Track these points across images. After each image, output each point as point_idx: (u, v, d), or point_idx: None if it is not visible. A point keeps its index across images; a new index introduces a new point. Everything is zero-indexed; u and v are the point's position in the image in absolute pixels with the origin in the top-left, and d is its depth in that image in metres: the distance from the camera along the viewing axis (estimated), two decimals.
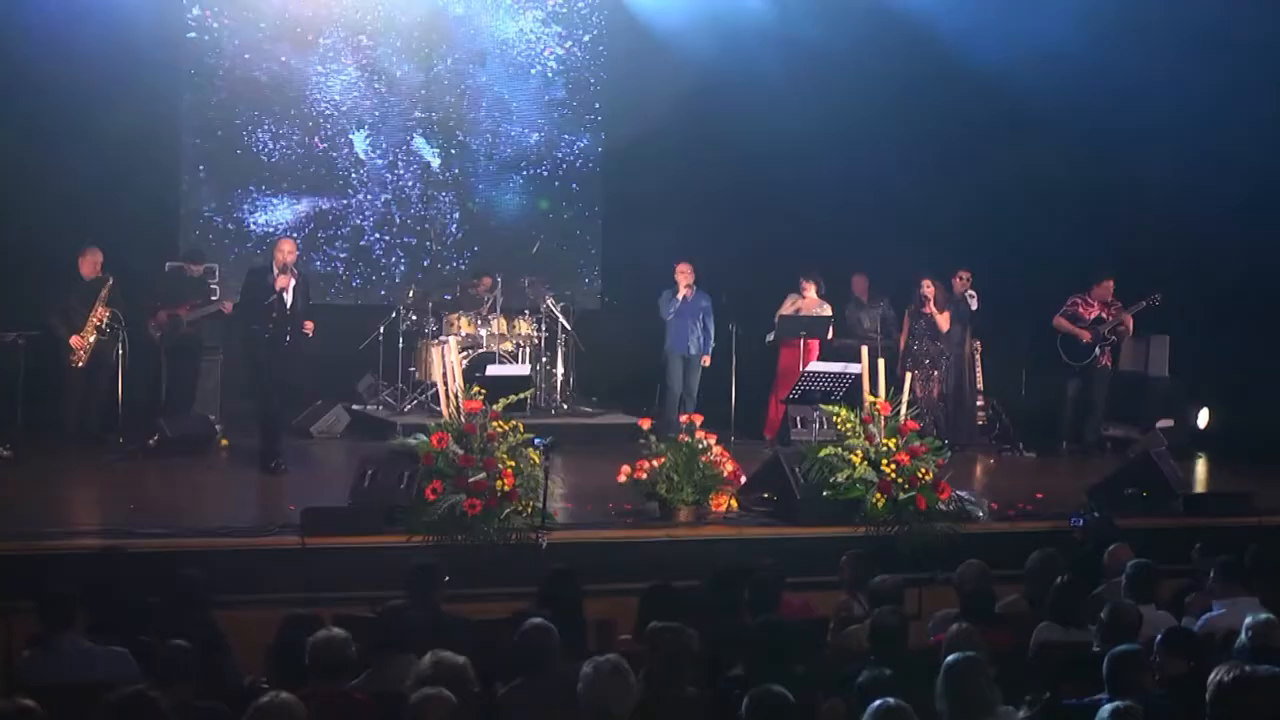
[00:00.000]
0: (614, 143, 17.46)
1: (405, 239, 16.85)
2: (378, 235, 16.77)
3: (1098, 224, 15.51)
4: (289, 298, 12.09)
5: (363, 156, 16.65)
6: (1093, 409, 15.06)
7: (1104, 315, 14.67)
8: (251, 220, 16.02)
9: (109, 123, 14.21)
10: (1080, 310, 14.75)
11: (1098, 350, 14.71)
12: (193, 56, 15.42)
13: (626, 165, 17.23)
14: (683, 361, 14.80)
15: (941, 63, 15.23)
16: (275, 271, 12.12)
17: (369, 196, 16.69)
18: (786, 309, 15.09)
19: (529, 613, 7.06)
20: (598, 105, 17.61)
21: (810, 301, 15.05)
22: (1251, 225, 14.55)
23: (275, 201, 16.28)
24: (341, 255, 16.62)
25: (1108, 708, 5.32)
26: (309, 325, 12.19)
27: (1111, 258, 15.15)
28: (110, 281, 13.37)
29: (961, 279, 14.95)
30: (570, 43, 17.43)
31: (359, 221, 16.67)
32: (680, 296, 14.64)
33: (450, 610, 7.75)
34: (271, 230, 15.96)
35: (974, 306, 14.98)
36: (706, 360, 14.91)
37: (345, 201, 16.60)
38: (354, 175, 16.64)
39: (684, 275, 14.75)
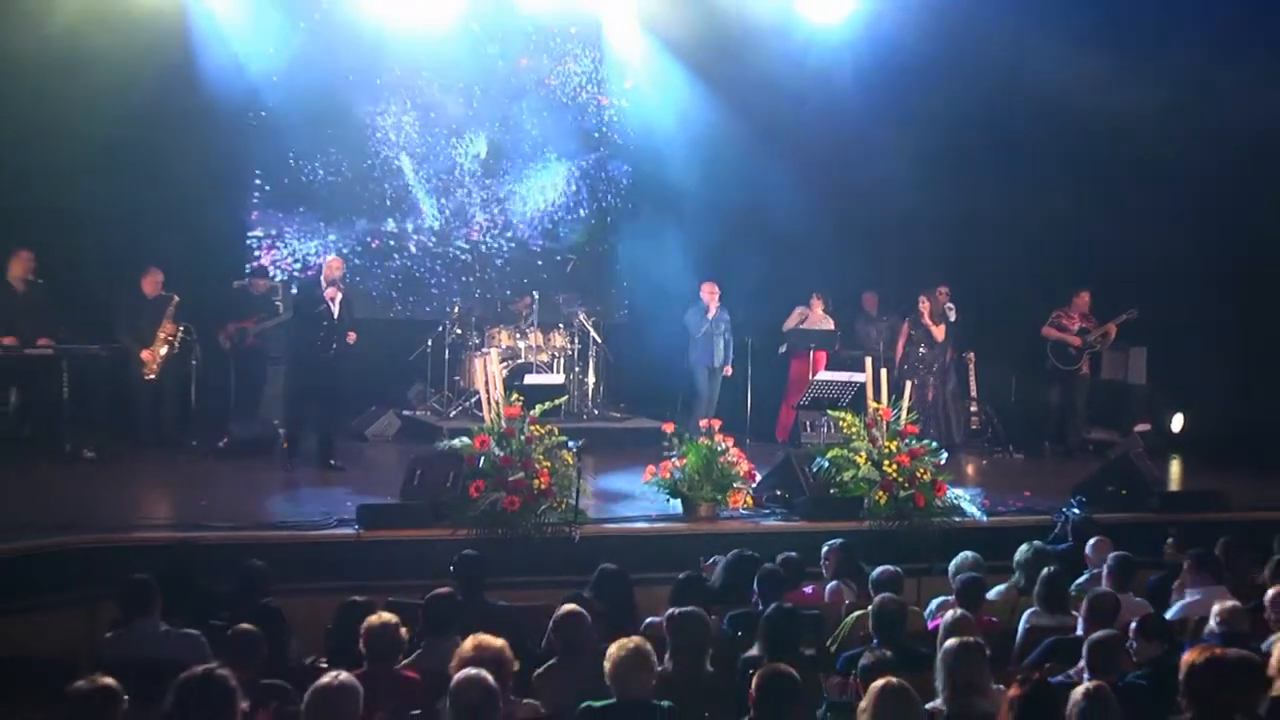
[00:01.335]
0: (640, 172, 17.45)
1: (451, 260, 16.83)
2: (425, 257, 16.77)
3: (1079, 247, 15.44)
4: (335, 309, 12.13)
5: (412, 184, 16.67)
6: (1075, 414, 15.08)
7: (1086, 326, 14.70)
8: (309, 243, 16.02)
9: (182, 155, 14.29)
10: (1064, 321, 14.81)
11: (1081, 356, 14.73)
12: (259, 95, 15.44)
13: (651, 192, 17.21)
14: (708, 373, 14.84)
15: (933, 96, 15.20)
16: (324, 285, 12.18)
17: (418, 221, 16.70)
18: (792, 321, 15.11)
19: (577, 599, 7.09)
20: (625, 137, 17.58)
21: (816, 315, 15.08)
22: (1220, 246, 14.51)
23: (332, 226, 16.26)
24: (394, 275, 16.62)
25: (1080, 689, 5.30)
26: (352, 335, 12.25)
27: (1090, 275, 15.12)
28: (175, 299, 13.39)
29: (941, 294, 14.93)
30: (599, 82, 17.42)
31: (409, 244, 16.67)
32: (710, 316, 14.70)
33: (491, 597, 7.76)
34: (328, 251, 15.98)
35: (951, 318, 15.00)
36: (728, 370, 14.95)
37: (397, 226, 16.61)
38: (404, 202, 16.65)
39: (712, 294, 14.82)
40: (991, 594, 8.31)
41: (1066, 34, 14.40)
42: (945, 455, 11.42)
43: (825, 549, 8.76)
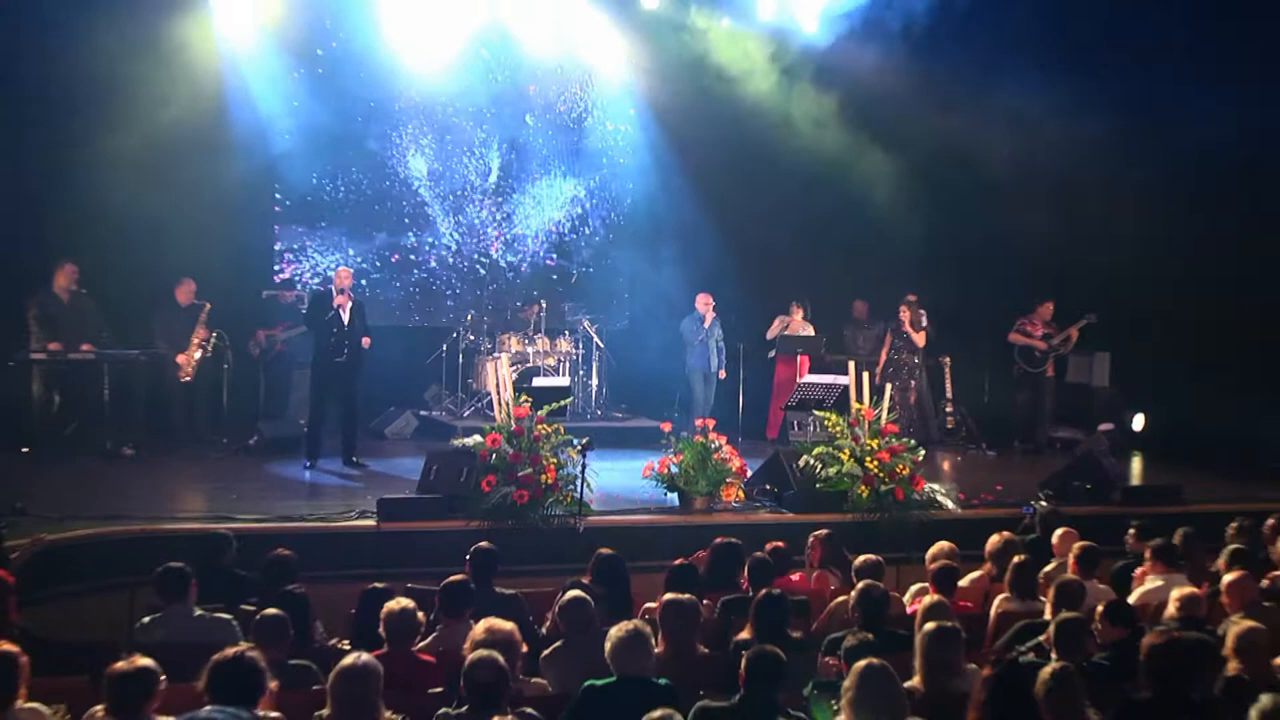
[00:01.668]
0: (640, 191, 17.47)
1: (465, 273, 16.84)
2: (441, 269, 16.78)
3: (1044, 260, 15.46)
4: (345, 316, 12.11)
5: (429, 201, 16.67)
6: (1041, 414, 15.10)
7: (1049, 332, 14.73)
8: (330, 256, 16.02)
9: (213, 174, 14.37)
10: (1028, 328, 14.84)
11: (1046, 360, 14.75)
12: (284, 119, 15.46)
13: (650, 208, 17.26)
14: (703, 376, 14.86)
15: (909, 124, 15.24)
16: (334, 294, 12.19)
17: (434, 236, 16.70)
18: (774, 330, 15.12)
19: (578, 585, 7.09)
20: (626, 159, 17.59)
21: (796, 323, 15.09)
22: (1176, 262, 14.53)
23: (353, 240, 16.29)
24: (412, 285, 16.62)
25: (1047, 669, 5.31)
26: (366, 340, 12.22)
27: (1053, 286, 15.14)
28: (207, 306, 13.43)
29: (910, 302, 14.94)
30: (603, 106, 17.44)
31: (426, 256, 16.67)
32: (705, 324, 14.72)
33: (501, 584, 7.76)
34: (348, 263, 16.01)
35: (923, 324, 15.01)
36: (723, 374, 14.97)
37: (415, 239, 16.61)
38: (421, 218, 16.65)
39: (707, 304, 14.85)
40: (965, 581, 8.31)
41: (1032, 63, 14.48)
42: (923, 452, 11.42)
43: (811, 539, 8.75)
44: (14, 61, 11.86)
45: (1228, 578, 7.49)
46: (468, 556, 7.74)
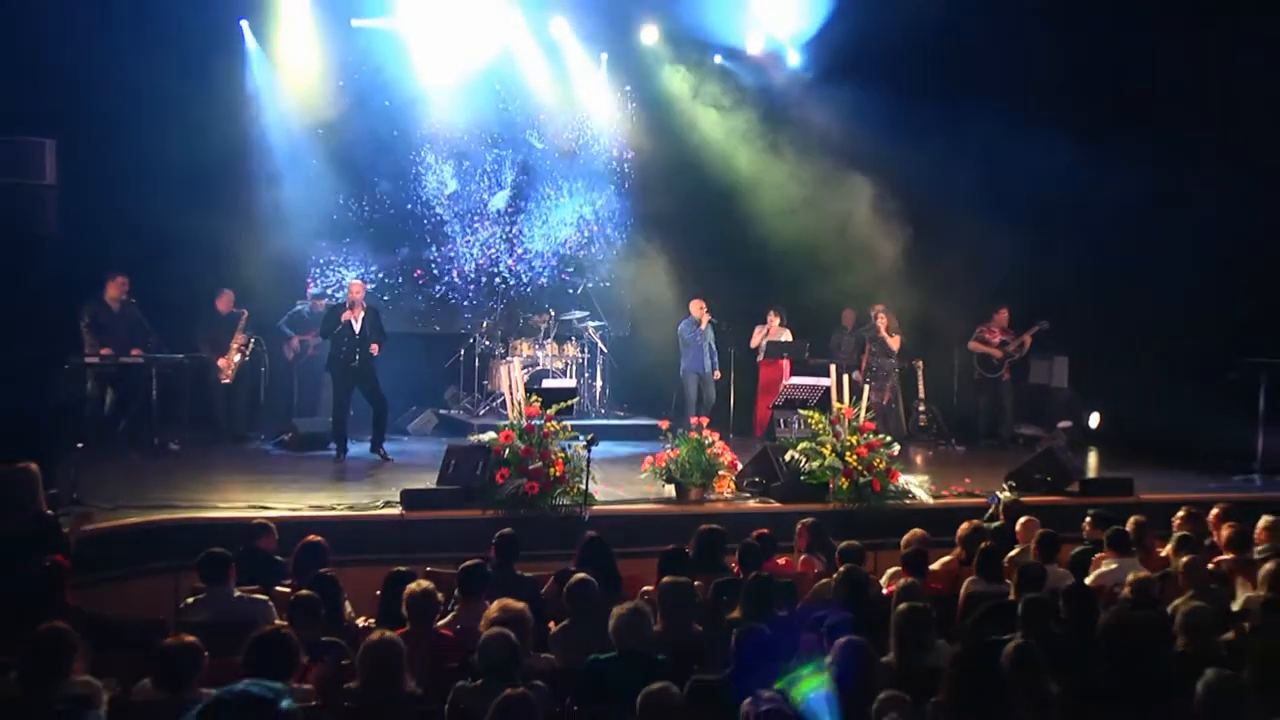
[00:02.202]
0: (640, 208, 17.50)
1: (480, 284, 16.84)
2: (459, 281, 16.78)
3: (1010, 276, 15.46)
4: (357, 326, 12.12)
5: (447, 219, 16.68)
6: (1003, 413, 15.10)
7: (1005, 339, 14.74)
8: (355, 271, 16.02)
9: (250, 193, 14.49)
10: (986, 335, 14.86)
11: (1003, 364, 14.76)
12: (316, 144, 15.49)
13: (649, 224, 17.27)
14: (698, 378, 14.83)
15: (887, 151, 15.26)
16: (346, 306, 12.18)
17: (452, 251, 16.71)
18: (756, 338, 15.10)
19: (573, 571, 7.09)
20: (629, 180, 17.61)
21: (775, 329, 15.07)
22: (1130, 275, 14.55)
23: (377, 256, 16.32)
24: (433, 296, 16.64)
25: (1011, 645, 5.31)
26: (374, 347, 12.19)
27: (1019, 299, 15.14)
28: (245, 314, 13.47)
29: (877, 310, 14.94)
30: (611, 128, 17.46)
31: (446, 270, 16.69)
32: (701, 328, 14.70)
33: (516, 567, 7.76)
34: (372, 277, 16.07)
35: (896, 331, 15.04)
36: (718, 375, 14.94)
37: (436, 254, 16.62)
38: (440, 235, 16.66)
39: (702, 310, 14.82)
40: (936, 565, 8.31)
41: (994, 96, 14.56)
42: (897, 447, 11.42)
43: (799, 526, 8.75)
44: (73, 89, 11.85)
45: (1181, 561, 7.50)
46: (493, 541, 7.75)
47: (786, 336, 15.06)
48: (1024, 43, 14.67)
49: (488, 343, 15.28)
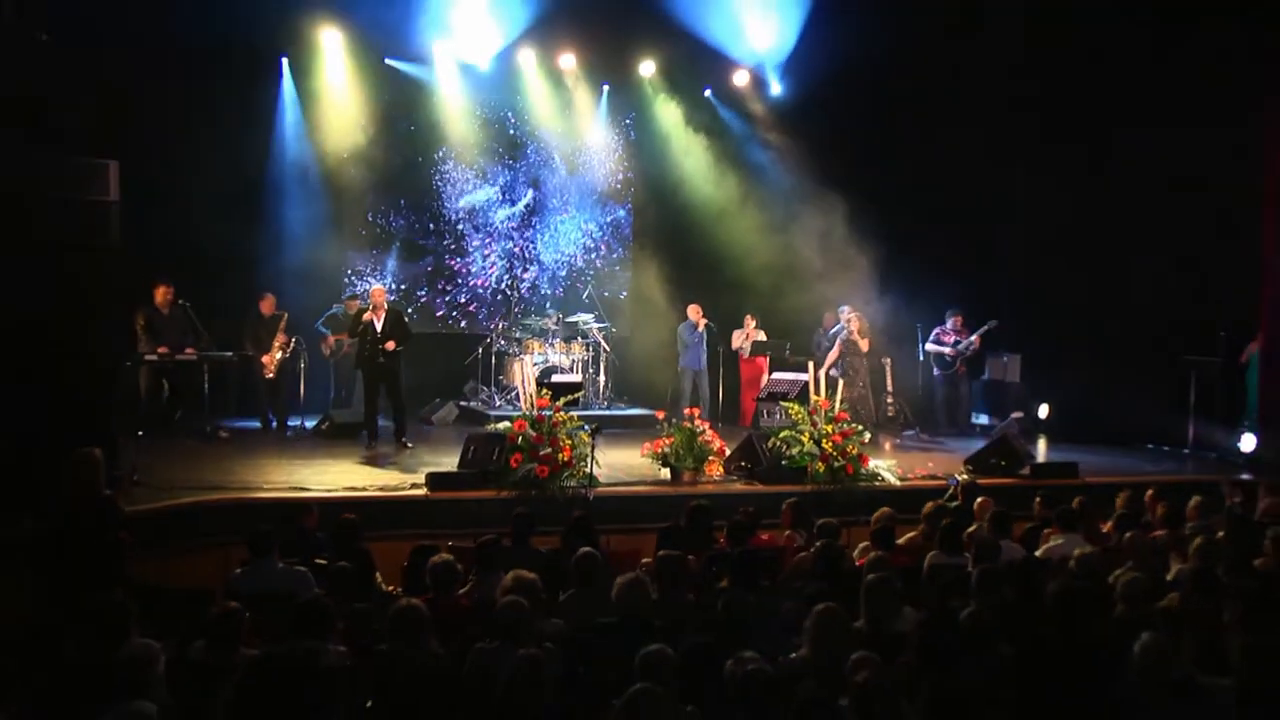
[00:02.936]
0: (638, 223, 17.50)
1: (498, 288, 16.82)
2: (479, 286, 16.76)
3: (970, 282, 15.48)
4: (379, 326, 12.08)
5: (467, 232, 16.66)
6: (960, 404, 15.10)
7: (959, 339, 14.73)
8: (386, 278, 16.00)
9: (288, 208, 14.53)
10: (943, 337, 14.85)
11: (957, 361, 14.77)
12: (349, 164, 15.49)
13: (646, 237, 17.27)
14: (694, 374, 14.87)
15: (860, 170, 15.27)
16: (371, 308, 12.17)
17: (470, 260, 16.69)
18: (736, 340, 15.15)
19: (570, 545, 7.09)
20: (630, 195, 17.59)
21: (751, 331, 15.12)
22: (1075, 281, 14.55)
23: (407, 264, 16.31)
24: (458, 300, 16.61)
25: (967, 611, 5.32)
26: (389, 344, 12.08)
27: (979, 302, 15.14)
28: (285, 315, 13.48)
29: (844, 312, 14.93)
30: (612, 152, 17.44)
31: (467, 277, 16.66)
32: (697, 330, 14.74)
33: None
34: (398, 285, 16.05)
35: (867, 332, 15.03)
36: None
37: (457, 263, 16.60)
38: (461, 246, 16.65)
39: (698, 314, 14.90)
40: (902, 540, 8.30)
41: (952, 123, 14.57)
42: (868, 436, 11.42)
43: (785, 506, 8.74)
44: (134, 117, 11.84)
45: (1128, 534, 7.52)
46: (513, 518, 7.77)
47: (762, 337, 15.11)
48: (976, 72, 14.69)
49: (503, 342, 15.26)
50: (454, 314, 16.62)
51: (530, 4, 14.79)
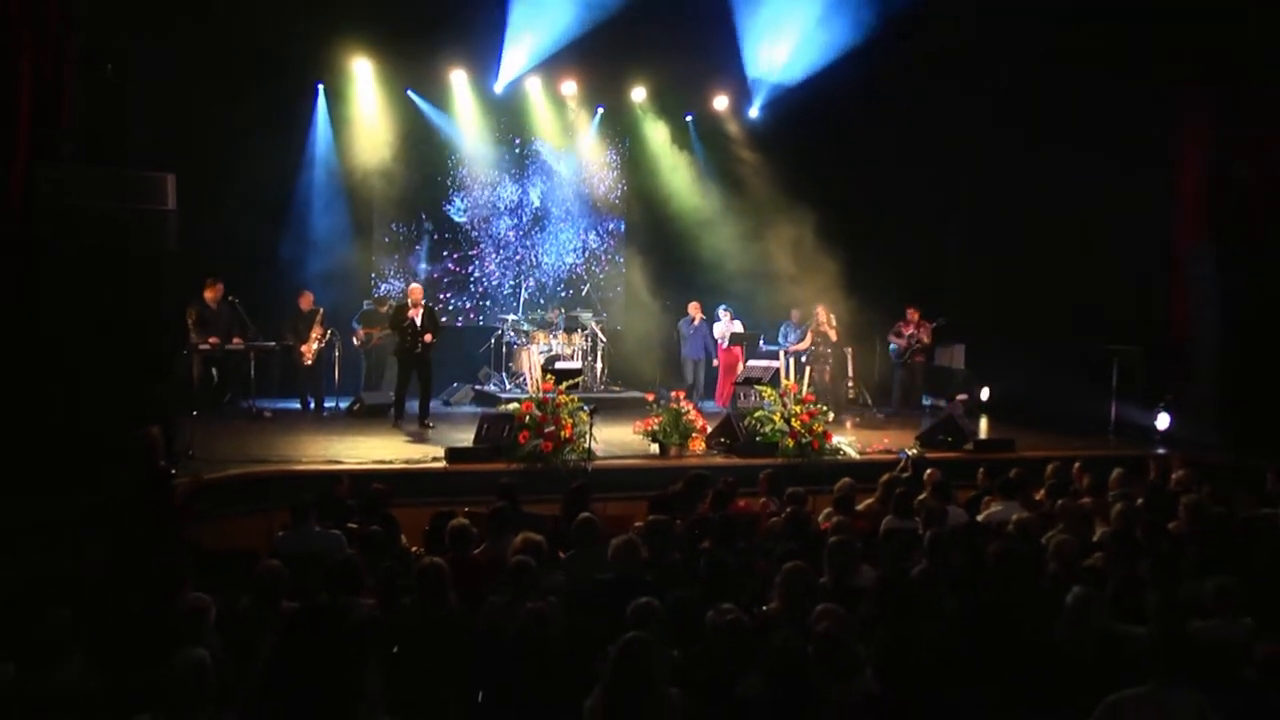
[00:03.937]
0: (635, 222, 17.44)
1: (508, 287, 16.77)
2: (493, 285, 16.71)
3: (924, 280, 15.47)
4: (419, 321, 12.07)
5: (478, 238, 16.60)
6: (914, 388, 15.11)
7: (914, 331, 14.72)
8: (413, 275, 15.94)
9: (322, 216, 14.49)
10: (901, 329, 14.82)
11: (910, 352, 14.76)
12: (376, 177, 15.43)
13: (643, 236, 17.23)
14: (693, 363, 15.10)
15: (828, 179, 15.25)
16: (410, 305, 12.16)
17: (484, 263, 16.63)
18: (717, 331, 15.17)
19: (571, 511, 7.09)
20: (625, 207, 17.54)
21: (729, 323, 15.14)
22: (1020, 278, 14.55)
23: (430, 264, 16.26)
24: (474, 296, 16.58)
25: (917, 569, 5.33)
26: (428, 336, 12.09)
27: (931, 298, 15.13)
28: (321, 310, 13.44)
29: (819, 310, 14.94)
30: (609, 168, 17.39)
31: (481, 277, 16.61)
32: (695, 325, 15.02)
33: (532, 509, 7.76)
34: (421, 283, 16.00)
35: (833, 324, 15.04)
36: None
37: (473, 265, 16.56)
38: (477, 249, 16.60)
39: (696, 309, 15.18)
40: (861, 506, 8.31)
41: (911, 140, 14.56)
42: (832, 415, 11.43)
43: (762, 476, 8.76)
44: (188, 134, 11.80)
45: (1060, 502, 7.54)
46: (499, 487, 7.74)
47: (738, 327, 15.13)
48: (930, 92, 14.66)
49: (513, 333, 15.24)
50: (471, 309, 16.59)
51: (540, 38, 14.74)
